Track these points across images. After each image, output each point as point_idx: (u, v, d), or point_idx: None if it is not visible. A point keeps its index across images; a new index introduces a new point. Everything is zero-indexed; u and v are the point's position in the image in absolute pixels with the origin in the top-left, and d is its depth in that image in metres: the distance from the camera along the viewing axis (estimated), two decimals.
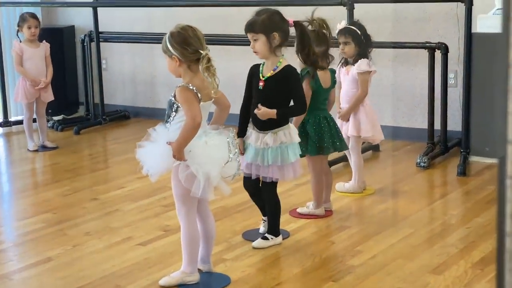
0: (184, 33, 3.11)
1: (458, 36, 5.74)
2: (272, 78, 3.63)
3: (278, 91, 3.63)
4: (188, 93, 3.09)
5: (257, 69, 3.70)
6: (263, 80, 3.65)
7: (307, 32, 3.74)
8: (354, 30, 4.50)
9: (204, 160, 3.12)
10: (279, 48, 3.63)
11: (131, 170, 5.16)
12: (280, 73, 3.62)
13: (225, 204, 4.45)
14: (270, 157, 3.64)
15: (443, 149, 5.59)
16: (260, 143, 3.65)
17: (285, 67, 3.62)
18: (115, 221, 4.33)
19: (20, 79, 6.20)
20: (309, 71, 3.98)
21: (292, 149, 3.69)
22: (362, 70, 4.50)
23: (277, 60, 3.62)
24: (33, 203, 4.79)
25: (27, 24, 6.08)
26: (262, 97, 3.65)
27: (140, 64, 7.67)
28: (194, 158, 3.10)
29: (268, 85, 3.63)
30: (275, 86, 3.62)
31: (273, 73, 3.62)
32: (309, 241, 3.91)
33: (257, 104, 3.65)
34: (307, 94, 3.99)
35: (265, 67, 3.67)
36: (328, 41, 4.10)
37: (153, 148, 3.19)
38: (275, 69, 3.62)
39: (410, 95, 6.15)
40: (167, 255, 3.73)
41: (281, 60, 3.63)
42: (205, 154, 3.14)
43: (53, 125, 7.06)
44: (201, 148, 3.13)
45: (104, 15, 7.30)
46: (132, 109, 7.63)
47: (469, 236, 3.91)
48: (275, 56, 3.63)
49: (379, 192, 4.75)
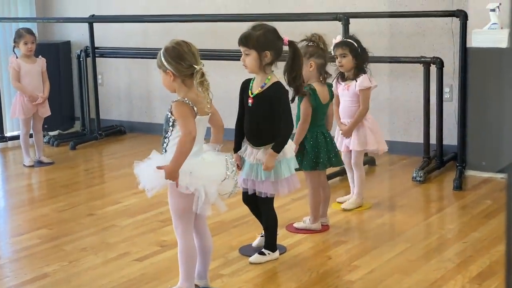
0: (178, 48, 3.12)
1: (453, 51, 5.76)
2: (260, 95, 3.63)
3: (266, 109, 3.63)
4: (184, 108, 3.10)
5: (247, 84, 3.72)
6: (251, 97, 3.66)
7: (300, 55, 3.72)
8: (351, 43, 4.52)
9: (201, 177, 3.11)
10: (270, 65, 3.64)
11: (127, 185, 5.16)
12: (267, 91, 3.61)
13: (222, 219, 4.44)
14: (263, 172, 3.65)
15: (439, 163, 5.60)
16: (253, 159, 3.66)
17: (273, 84, 3.62)
18: (112, 236, 4.31)
19: (17, 95, 6.19)
20: (310, 89, 4.00)
21: (285, 164, 3.69)
22: (364, 87, 4.50)
23: (266, 77, 3.63)
24: (29, 219, 4.77)
25: (24, 40, 6.09)
26: (252, 115, 3.67)
27: (136, 79, 7.67)
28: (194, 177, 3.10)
29: (257, 102, 3.64)
30: (263, 104, 3.62)
31: (261, 90, 3.63)
32: (306, 256, 3.90)
33: (249, 121, 3.67)
34: (307, 111, 4.00)
35: (254, 83, 3.68)
36: (326, 55, 4.13)
37: (150, 164, 3.19)
38: (263, 86, 3.63)
39: (406, 110, 6.16)
40: (164, 271, 3.71)
41: (269, 76, 3.63)
42: (203, 171, 3.13)
43: (49, 140, 7.05)
44: (199, 164, 3.13)
45: (100, 31, 7.31)
46: (128, 124, 7.63)
47: (466, 250, 3.91)
48: (264, 73, 3.63)
49: (375, 206, 4.75)
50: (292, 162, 3.76)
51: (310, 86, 4.05)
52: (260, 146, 3.66)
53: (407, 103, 6.14)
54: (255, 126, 3.68)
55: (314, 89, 4.05)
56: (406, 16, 5.92)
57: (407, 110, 6.16)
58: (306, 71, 4.04)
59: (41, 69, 6.21)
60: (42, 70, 6.21)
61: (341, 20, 5.37)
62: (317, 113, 4.10)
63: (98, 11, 7.48)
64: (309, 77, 4.08)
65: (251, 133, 3.71)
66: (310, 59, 4.06)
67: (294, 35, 4.15)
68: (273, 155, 3.62)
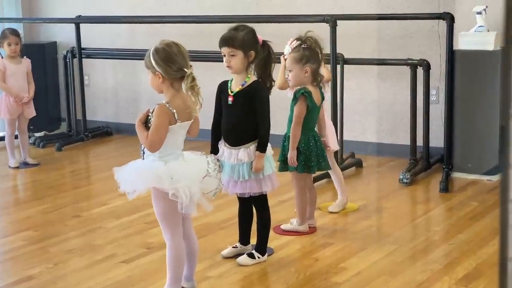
0: (169, 50, 3.10)
1: (440, 53, 5.78)
2: (240, 93, 3.64)
3: (247, 105, 3.64)
4: (163, 117, 3.07)
5: (225, 85, 3.73)
6: (232, 95, 3.66)
7: (273, 54, 3.73)
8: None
9: (182, 178, 3.09)
10: (250, 65, 3.65)
11: (114, 187, 5.11)
12: (248, 88, 3.63)
13: (209, 221, 4.43)
14: (246, 172, 3.65)
15: (426, 165, 5.62)
16: (234, 160, 3.66)
17: (253, 83, 3.65)
18: (98, 238, 4.29)
19: (2, 95, 6.15)
20: (303, 91, 3.99)
21: (267, 161, 3.69)
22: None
23: (246, 75, 3.64)
24: (14, 221, 4.74)
25: (7, 41, 6.04)
26: (233, 112, 3.67)
27: (122, 80, 7.65)
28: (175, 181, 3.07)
29: (238, 100, 3.65)
30: (244, 101, 3.64)
31: (242, 88, 3.65)
32: (293, 258, 3.89)
33: (228, 120, 3.67)
34: (301, 114, 4.00)
35: (233, 82, 3.69)
36: (319, 59, 4.11)
37: (130, 168, 3.18)
38: (243, 84, 3.64)
39: (393, 112, 6.18)
40: (150, 273, 3.70)
41: (249, 75, 3.65)
42: (183, 172, 3.12)
43: (34, 141, 7.00)
44: (179, 167, 3.11)
45: (86, 31, 7.28)
46: (115, 126, 7.60)
47: (453, 252, 3.92)
48: (245, 72, 3.65)
49: (362, 208, 4.76)
50: (272, 160, 3.76)
51: (305, 88, 4.04)
52: (239, 146, 3.66)
53: (394, 105, 6.15)
54: (234, 125, 3.66)
55: (309, 91, 4.03)
56: (393, 18, 5.94)
57: (394, 112, 6.17)
58: (301, 76, 4.03)
59: (26, 70, 6.17)
60: (27, 71, 6.17)
61: (328, 22, 5.37)
62: (311, 115, 4.09)
63: (84, 11, 7.45)
64: (304, 82, 4.06)
65: (229, 132, 3.69)
66: (306, 65, 4.01)
67: (281, 37, 4.15)
68: (260, 156, 3.62)
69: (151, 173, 3.10)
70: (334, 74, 5.33)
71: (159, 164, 3.11)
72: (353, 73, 6.00)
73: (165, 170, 3.08)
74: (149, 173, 3.10)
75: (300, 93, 4.01)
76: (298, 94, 4.01)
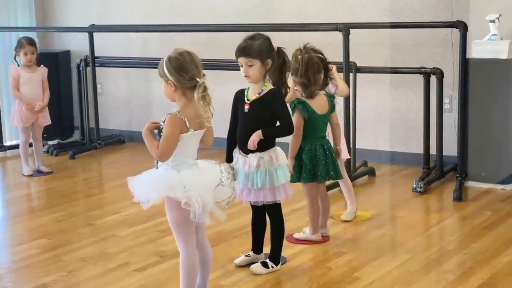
0: (181, 59, 3.11)
1: (453, 62, 5.77)
2: (257, 100, 3.65)
3: (264, 113, 3.64)
4: (174, 127, 3.08)
5: (242, 94, 3.74)
6: (248, 103, 3.67)
7: (288, 61, 3.74)
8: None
9: (196, 187, 3.10)
10: (267, 73, 3.66)
11: (127, 195, 5.11)
12: (265, 96, 3.64)
13: (222, 229, 4.42)
14: (259, 180, 3.65)
15: (439, 174, 5.59)
16: (247, 167, 3.66)
17: (270, 90, 3.66)
18: (111, 246, 4.30)
19: (16, 103, 6.18)
20: (296, 102, 4.00)
21: (281, 170, 3.69)
22: None
23: (262, 84, 3.66)
24: (27, 229, 4.75)
25: (24, 51, 6.08)
26: (248, 120, 3.67)
27: (135, 89, 7.67)
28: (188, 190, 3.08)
29: (254, 108, 3.66)
30: (260, 109, 3.64)
31: (258, 96, 3.65)
32: (306, 267, 3.88)
33: (244, 128, 3.67)
34: (298, 125, 3.99)
35: (250, 91, 3.70)
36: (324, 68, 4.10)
37: (144, 177, 3.19)
38: (260, 92, 3.65)
39: (406, 120, 6.16)
40: (163, 281, 3.70)
41: (266, 84, 3.66)
42: (196, 181, 3.12)
43: (48, 149, 7.03)
44: (192, 176, 3.12)
45: (99, 40, 7.31)
46: (127, 134, 7.62)
47: (467, 262, 3.89)
48: (262, 81, 3.66)
49: (375, 217, 4.74)
50: (286, 169, 3.77)
51: (299, 99, 4.03)
52: (253, 154, 3.65)
53: (407, 113, 6.14)
54: (249, 133, 3.65)
55: (302, 101, 4.03)
56: (406, 27, 5.93)
57: (407, 121, 6.15)
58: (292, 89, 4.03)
59: (42, 78, 6.20)
60: (42, 79, 6.20)
61: (341, 31, 5.37)
62: (314, 124, 4.07)
63: (98, 20, 7.48)
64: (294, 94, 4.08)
65: (244, 140, 3.69)
66: (293, 77, 4.03)
67: (294, 46, 4.14)
68: (258, 135, 3.61)
69: (164, 182, 3.10)
70: (347, 82, 5.32)
71: (172, 173, 3.12)
72: (365, 82, 5.99)
73: (178, 179, 3.08)
74: (162, 182, 3.11)
75: (293, 105, 4.02)
76: (292, 106, 4.02)
